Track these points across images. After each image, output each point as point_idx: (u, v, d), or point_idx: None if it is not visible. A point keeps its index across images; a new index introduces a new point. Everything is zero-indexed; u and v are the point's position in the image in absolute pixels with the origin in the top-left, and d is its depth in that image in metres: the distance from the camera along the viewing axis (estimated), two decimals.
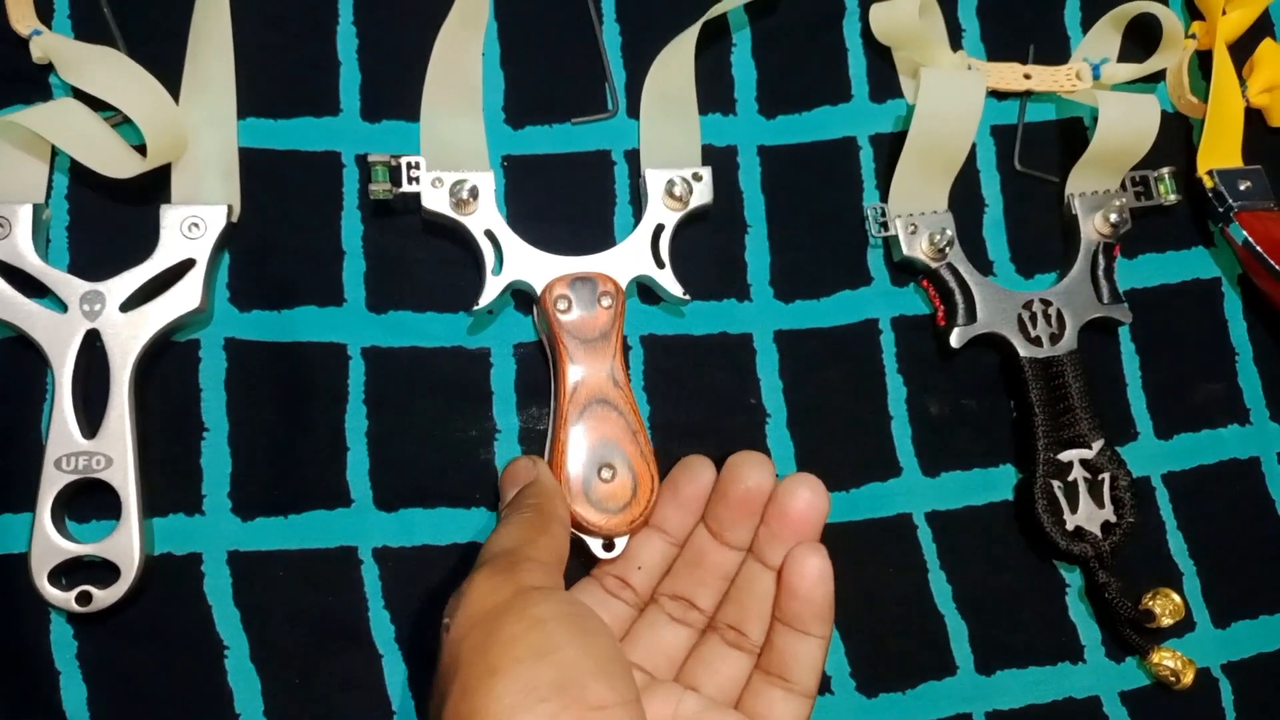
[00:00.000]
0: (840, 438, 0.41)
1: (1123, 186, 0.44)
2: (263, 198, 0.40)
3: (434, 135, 0.40)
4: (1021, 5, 0.47)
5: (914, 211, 0.42)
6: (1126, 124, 0.43)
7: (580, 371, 0.37)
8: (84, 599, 0.34)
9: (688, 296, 0.40)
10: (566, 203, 0.42)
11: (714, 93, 0.43)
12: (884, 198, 0.43)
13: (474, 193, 0.39)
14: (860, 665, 0.39)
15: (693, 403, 0.40)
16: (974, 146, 0.44)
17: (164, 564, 0.36)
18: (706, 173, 0.41)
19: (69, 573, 0.35)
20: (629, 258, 0.40)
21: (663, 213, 0.40)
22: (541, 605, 0.29)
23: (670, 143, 0.42)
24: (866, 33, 0.45)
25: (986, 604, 0.40)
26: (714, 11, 0.42)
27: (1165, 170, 0.45)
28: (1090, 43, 0.46)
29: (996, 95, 0.45)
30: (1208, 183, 0.45)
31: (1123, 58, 0.47)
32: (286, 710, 0.35)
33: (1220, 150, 0.45)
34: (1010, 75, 0.45)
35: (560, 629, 0.29)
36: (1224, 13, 0.46)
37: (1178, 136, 0.47)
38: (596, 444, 0.37)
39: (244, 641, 0.35)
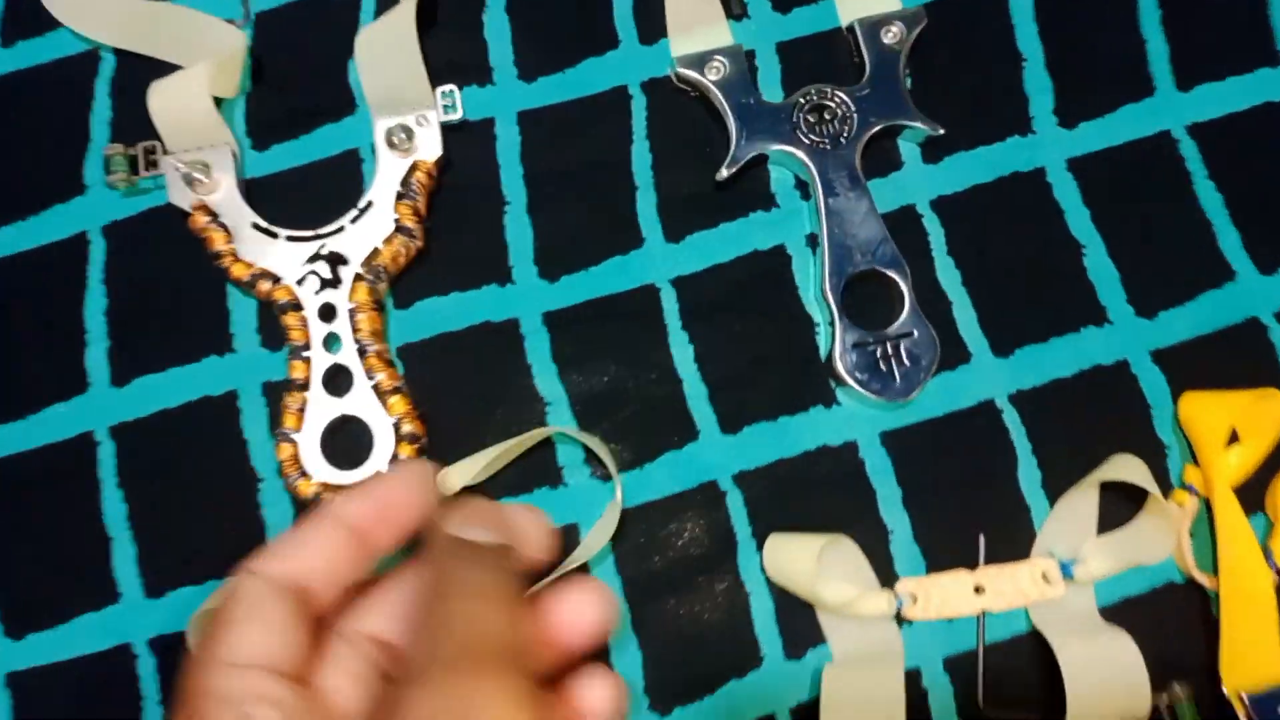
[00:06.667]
0: None
1: None
2: None
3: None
4: (955, 477, 0.37)
5: None
6: (1101, 681, 0.33)
7: None
8: None
9: None
10: None
11: None
12: None
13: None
14: None
15: None
16: (924, 692, 0.35)
17: None
18: None
19: None
20: None
21: None
22: None
23: None
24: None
25: None
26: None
27: (1181, 692, 0.34)
28: (1058, 525, 0.36)
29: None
30: (1238, 708, 0.34)
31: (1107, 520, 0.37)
32: None
33: (1249, 659, 0.35)
34: (958, 593, 0.35)
35: None
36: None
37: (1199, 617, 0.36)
38: None
39: None
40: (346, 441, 0.36)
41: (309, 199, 0.39)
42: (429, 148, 0.38)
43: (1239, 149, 0.40)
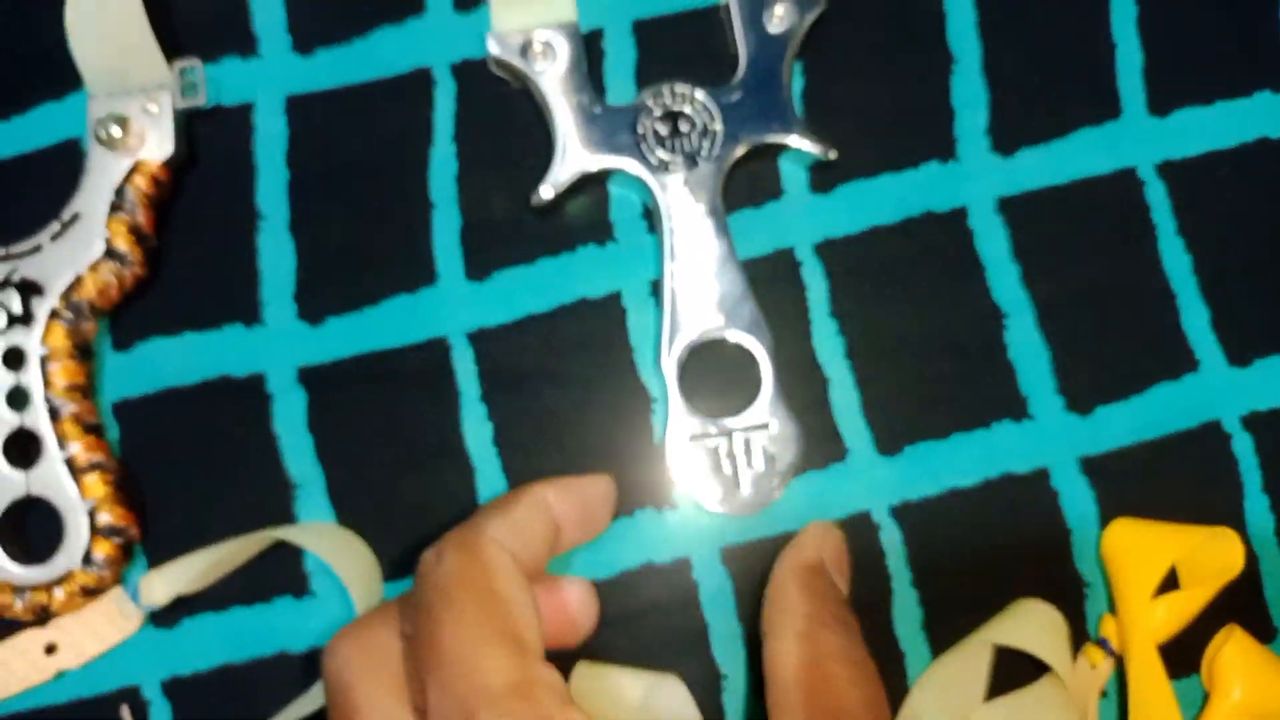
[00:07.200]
0: None
1: None
2: None
3: None
4: None
5: None
6: None
7: None
8: None
9: None
10: None
11: None
12: None
13: None
14: None
15: None
16: None
17: None
18: None
19: None
20: None
21: None
22: None
23: None
24: None
25: None
26: None
27: None
28: (934, 689, 0.28)
29: None
30: None
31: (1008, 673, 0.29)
32: None
33: None
34: None
35: None
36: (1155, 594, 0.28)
37: None
38: None
39: None
40: (40, 526, 0.28)
41: (18, 203, 0.30)
42: (156, 144, 0.29)
43: (1222, 199, 0.31)
